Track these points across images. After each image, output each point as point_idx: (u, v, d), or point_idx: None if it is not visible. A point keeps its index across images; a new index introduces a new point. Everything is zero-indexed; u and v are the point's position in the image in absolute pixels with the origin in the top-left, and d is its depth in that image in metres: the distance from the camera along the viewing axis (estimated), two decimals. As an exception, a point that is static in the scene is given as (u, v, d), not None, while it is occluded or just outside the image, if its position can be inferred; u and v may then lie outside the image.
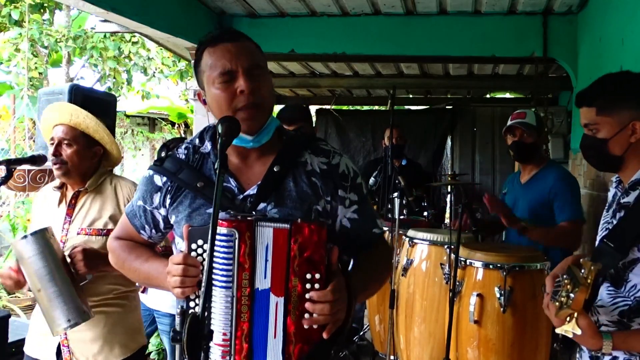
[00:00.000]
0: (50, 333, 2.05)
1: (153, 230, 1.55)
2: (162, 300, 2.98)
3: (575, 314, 1.40)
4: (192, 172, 1.44)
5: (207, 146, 1.48)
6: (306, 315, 1.28)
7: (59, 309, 1.89)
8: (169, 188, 1.47)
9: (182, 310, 1.28)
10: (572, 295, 1.37)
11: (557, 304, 1.43)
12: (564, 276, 1.43)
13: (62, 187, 2.19)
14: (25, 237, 1.90)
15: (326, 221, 1.44)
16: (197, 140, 1.51)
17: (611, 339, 1.45)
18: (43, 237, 1.92)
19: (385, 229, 3.40)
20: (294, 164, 1.43)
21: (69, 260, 1.98)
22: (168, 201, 1.47)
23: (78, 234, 2.10)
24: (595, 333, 1.46)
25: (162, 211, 1.50)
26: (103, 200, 2.15)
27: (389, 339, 3.18)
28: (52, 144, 2.11)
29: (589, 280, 1.36)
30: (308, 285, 1.28)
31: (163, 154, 1.50)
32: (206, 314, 1.27)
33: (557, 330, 1.45)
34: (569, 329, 1.42)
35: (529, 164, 3.07)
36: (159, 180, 1.48)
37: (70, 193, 2.17)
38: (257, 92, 1.36)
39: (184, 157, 1.48)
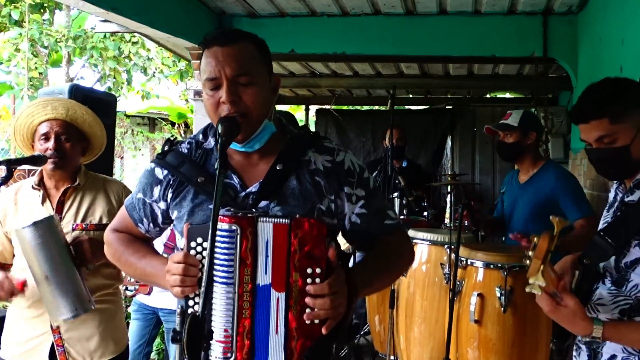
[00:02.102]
0: (41, 335, 2.05)
1: (151, 225, 1.54)
2: (168, 298, 2.97)
3: (541, 266, 1.39)
4: (193, 167, 1.44)
5: (211, 142, 1.48)
6: (308, 310, 1.27)
7: (65, 297, 1.89)
8: (170, 182, 1.46)
9: (182, 310, 1.28)
10: (536, 245, 1.38)
11: (527, 261, 1.43)
12: (534, 236, 1.43)
13: (40, 184, 2.13)
14: (34, 223, 1.88)
15: (332, 222, 1.43)
16: (200, 136, 1.50)
17: (602, 325, 1.45)
18: (51, 224, 1.92)
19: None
20: (298, 162, 1.43)
21: (72, 249, 1.98)
22: (169, 195, 1.46)
23: (74, 229, 2.08)
24: (585, 317, 1.46)
25: (162, 205, 1.49)
26: (93, 196, 2.14)
27: (389, 339, 3.18)
28: (46, 138, 2.06)
29: (554, 232, 1.38)
30: (309, 280, 1.28)
31: (166, 148, 1.49)
32: (206, 311, 1.26)
33: (527, 289, 1.43)
34: (533, 281, 1.41)
35: (522, 163, 3.09)
36: (159, 173, 1.48)
37: (53, 190, 2.13)
38: (238, 103, 1.34)
39: (186, 151, 1.47)
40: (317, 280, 1.28)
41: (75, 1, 3.18)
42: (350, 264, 1.54)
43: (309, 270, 1.28)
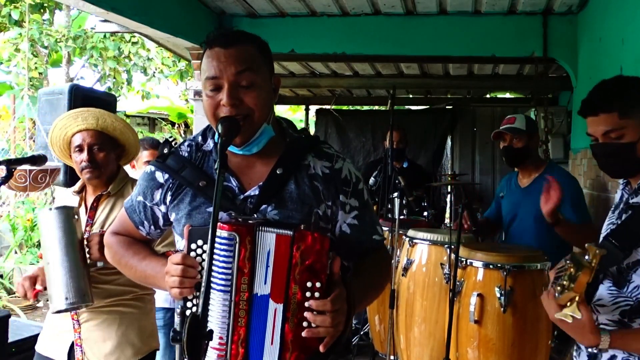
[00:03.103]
0: (65, 332, 2.09)
1: (152, 227, 1.54)
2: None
3: (577, 297, 1.37)
4: (194, 171, 1.43)
5: (210, 144, 1.47)
6: (304, 324, 1.27)
7: (61, 285, 1.90)
8: (171, 185, 1.46)
9: (182, 311, 1.28)
10: (574, 277, 1.34)
11: (558, 287, 1.39)
12: (567, 262, 1.40)
13: (81, 191, 2.21)
14: (50, 209, 1.94)
15: (327, 227, 1.43)
16: (199, 138, 1.49)
17: (609, 335, 1.44)
18: (66, 214, 1.95)
19: (385, 229, 3.43)
20: (297, 166, 1.42)
21: (86, 245, 2.00)
22: (169, 198, 1.46)
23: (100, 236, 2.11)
24: (594, 328, 1.45)
25: (162, 208, 1.49)
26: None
27: (389, 339, 3.18)
28: (80, 149, 2.12)
29: (593, 264, 1.33)
30: (308, 294, 1.27)
31: (165, 150, 1.48)
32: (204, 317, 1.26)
33: (557, 315, 1.40)
34: (569, 312, 1.38)
35: (525, 168, 3.07)
36: (160, 177, 1.47)
37: (90, 197, 2.19)
38: (239, 106, 1.33)
39: (186, 154, 1.47)
40: (317, 294, 1.27)
41: (75, 1, 3.18)
42: None
43: (309, 284, 1.27)
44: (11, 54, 8.38)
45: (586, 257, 1.35)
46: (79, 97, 2.87)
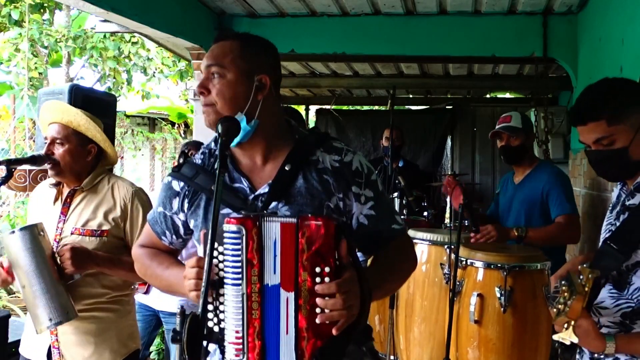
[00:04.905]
0: (41, 335, 2.04)
1: (173, 236, 1.57)
2: (168, 300, 2.96)
3: (572, 322, 1.38)
4: (207, 176, 1.47)
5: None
6: (317, 310, 1.26)
7: (42, 307, 1.88)
8: (187, 193, 1.49)
9: (182, 310, 1.28)
10: (569, 302, 1.35)
11: (554, 310, 1.41)
12: (562, 282, 1.41)
13: (58, 184, 2.15)
14: (13, 232, 1.90)
15: (339, 218, 1.43)
16: (212, 144, 1.54)
17: (614, 341, 1.44)
18: (31, 233, 1.90)
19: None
20: (306, 162, 1.44)
21: (58, 258, 1.96)
22: (186, 206, 1.50)
23: (72, 233, 2.07)
24: (598, 334, 1.45)
25: (182, 216, 1.52)
26: (99, 200, 2.12)
27: (389, 339, 3.18)
28: (46, 142, 2.08)
29: (586, 289, 1.34)
30: (318, 279, 1.26)
31: (181, 161, 1.53)
32: (218, 313, 1.28)
33: (555, 337, 1.43)
34: (565, 337, 1.40)
35: (520, 165, 3.13)
36: (176, 185, 1.51)
37: (66, 191, 2.13)
38: (206, 95, 1.42)
39: (200, 162, 1.51)
40: (327, 279, 1.26)
41: (75, 1, 3.19)
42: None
43: (318, 269, 1.26)
44: (11, 54, 8.38)
45: (580, 277, 1.35)
46: (79, 97, 2.86)
